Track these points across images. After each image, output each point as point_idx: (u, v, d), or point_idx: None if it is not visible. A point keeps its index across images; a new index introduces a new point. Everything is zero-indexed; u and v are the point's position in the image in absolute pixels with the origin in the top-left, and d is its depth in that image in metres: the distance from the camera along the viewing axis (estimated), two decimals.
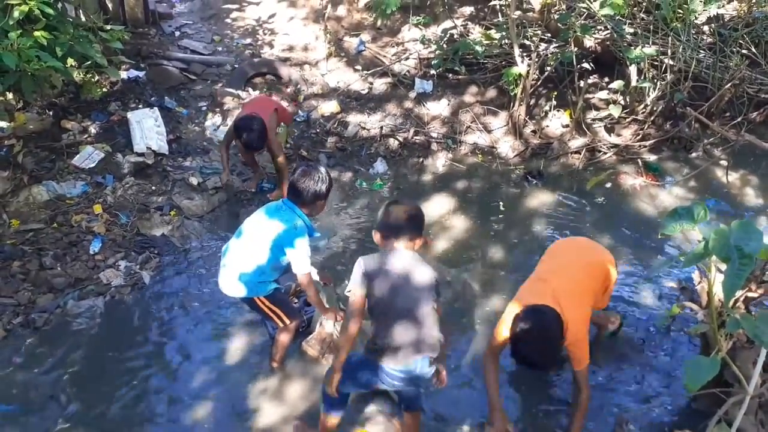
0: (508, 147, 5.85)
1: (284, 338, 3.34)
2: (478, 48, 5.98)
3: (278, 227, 3.01)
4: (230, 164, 4.87)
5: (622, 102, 5.96)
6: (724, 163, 5.47)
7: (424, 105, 6.18)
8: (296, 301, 3.69)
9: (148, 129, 5.15)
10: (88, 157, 4.88)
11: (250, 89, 6.22)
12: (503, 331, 2.85)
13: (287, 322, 3.25)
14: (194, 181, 4.96)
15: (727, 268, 2.04)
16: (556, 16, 5.85)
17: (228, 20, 7.45)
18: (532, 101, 6.07)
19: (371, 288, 2.51)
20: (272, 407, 3.23)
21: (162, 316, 3.83)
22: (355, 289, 2.53)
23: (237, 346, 3.59)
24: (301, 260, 3.04)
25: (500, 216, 4.95)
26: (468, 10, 7.14)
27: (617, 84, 5.76)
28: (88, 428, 3.07)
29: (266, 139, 4.47)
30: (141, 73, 5.98)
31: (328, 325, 3.47)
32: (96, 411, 3.16)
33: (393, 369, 2.58)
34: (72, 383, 3.29)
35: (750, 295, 3.09)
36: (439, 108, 6.16)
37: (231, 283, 3.14)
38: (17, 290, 3.83)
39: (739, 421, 2.41)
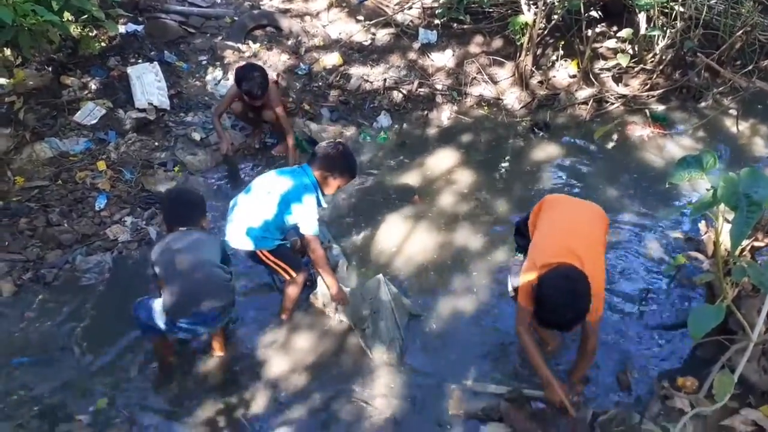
0: (514, 98, 5.77)
1: (292, 291, 3.39)
2: None
3: (287, 183, 3.09)
4: (226, 130, 4.81)
5: (631, 51, 5.83)
6: (733, 112, 5.39)
7: (428, 56, 6.06)
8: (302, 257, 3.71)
9: (148, 84, 5.09)
10: (90, 113, 4.83)
11: (250, 42, 6.10)
12: (528, 298, 2.71)
13: (293, 275, 3.29)
14: (197, 136, 4.93)
15: (735, 216, 2.04)
16: None
17: None
18: (539, 51, 5.94)
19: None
20: (281, 358, 3.29)
21: None
22: None
23: (245, 299, 3.62)
24: (308, 218, 3.08)
25: (506, 169, 4.91)
26: None
27: (626, 32, 5.63)
28: (100, 377, 3.15)
29: (267, 86, 4.43)
30: (139, 27, 5.86)
31: (322, 287, 3.40)
32: (108, 361, 3.23)
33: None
34: (84, 336, 3.36)
35: (756, 244, 3.09)
36: (443, 59, 6.04)
37: (238, 237, 3.16)
38: (26, 246, 3.87)
39: (742, 367, 2.44)
